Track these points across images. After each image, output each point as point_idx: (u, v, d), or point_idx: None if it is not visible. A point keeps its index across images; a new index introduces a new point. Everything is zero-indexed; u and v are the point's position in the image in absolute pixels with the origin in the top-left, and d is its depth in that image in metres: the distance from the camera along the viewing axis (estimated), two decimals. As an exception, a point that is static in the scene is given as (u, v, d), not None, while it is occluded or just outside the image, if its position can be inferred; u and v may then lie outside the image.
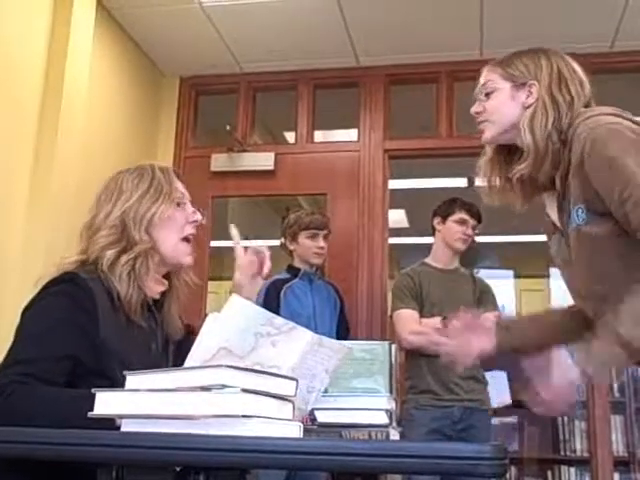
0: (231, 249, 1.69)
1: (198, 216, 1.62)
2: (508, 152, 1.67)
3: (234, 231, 1.62)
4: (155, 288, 1.57)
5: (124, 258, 1.49)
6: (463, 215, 3.18)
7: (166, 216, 1.55)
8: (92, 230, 1.54)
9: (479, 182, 1.73)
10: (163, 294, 1.61)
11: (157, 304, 1.59)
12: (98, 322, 1.40)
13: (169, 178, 1.61)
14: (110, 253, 1.48)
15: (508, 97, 1.62)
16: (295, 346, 1.24)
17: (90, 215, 1.57)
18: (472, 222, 3.16)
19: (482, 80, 1.69)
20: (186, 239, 1.60)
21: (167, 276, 1.62)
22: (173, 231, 1.57)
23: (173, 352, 1.61)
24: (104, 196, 1.59)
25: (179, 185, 1.63)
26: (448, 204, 3.24)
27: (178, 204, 1.60)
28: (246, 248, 1.57)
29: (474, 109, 1.67)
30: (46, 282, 1.46)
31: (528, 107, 1.58)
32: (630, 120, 1.53)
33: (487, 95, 1.65)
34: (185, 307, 1.69)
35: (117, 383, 1.30)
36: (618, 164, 1.41)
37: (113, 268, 1.47)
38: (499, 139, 1.64)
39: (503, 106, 1.63)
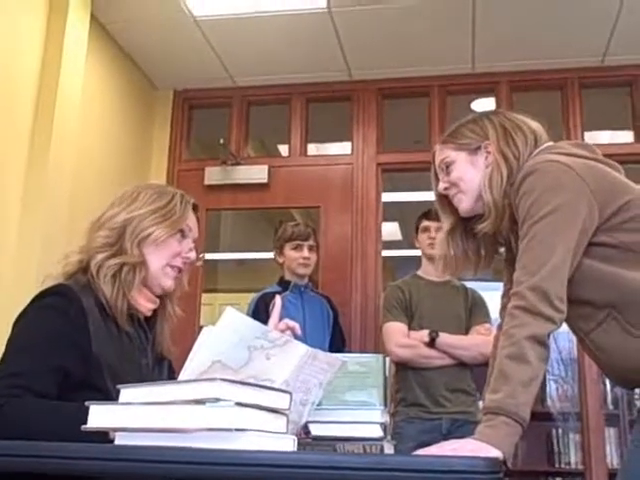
0: (224, 261, 1.69)
1: (192, 254, 1.61)
2: (465, 222, 1.70)
3: (278, 301, 1.58)
4: (146, 305, 1.57)
5: (111, 261, 1.50)
6: (423, 223, 3.22)
7: (161, 240, 1.55)
8: (96, 226, 1.56)
9: (437, 258, 1.77)
10: (155, 314, 1.61)
11: (149, 323, 1.59)
12: (89, 335, 1.40)
13: (185, 208, 1.61)
14: (100, 257, 1.50)
15: (468, 164, 1.65)
16: (289, 359, 1.24)
17: (100, 212, 1.59)
18: (434, 224, 3.15)
19: (438, 159, 1.72)
20: (172, 267, 1.59)
21: (160, 296, 1.62)
22: (162, 256, 1.57)
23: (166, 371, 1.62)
24: (119, 199, 1.60)
25: (192, 219, 1.64)
26: (417, 220, 3.29)
27: (181, 234, 1.60)
28: (280, 319, 1.55)
29: (441, 187, 1.70)
30: (38, 293, 1.47)
31: (488, 167, 1.61)
32: (582, 157, 1.53)
33: (447, 170, 1.68)
34: (179, 320, 1.69)
35: (109, 396, 1.30)
36: (534, 197, 1.44)
37: (100, 271, 1.48)
38: (476, 208, 1.65)
39: (465, 174, 1.65)
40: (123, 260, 1.50)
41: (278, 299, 1.57)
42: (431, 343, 2.97)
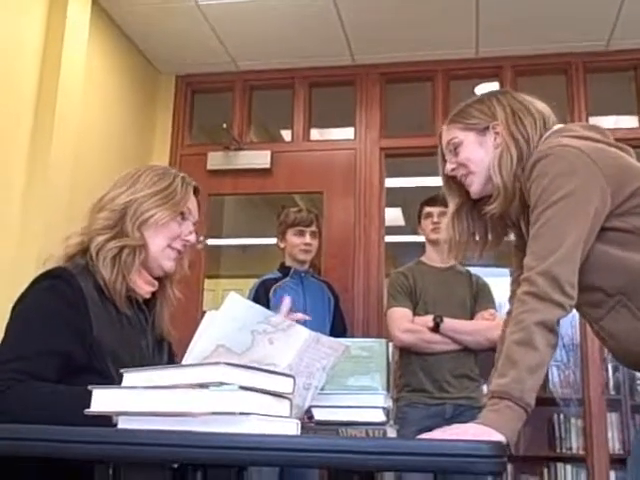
0: (227, 247, 1.69)
1: (193, 237, 1.61)
2: (472, 204, 1.69)
3: (287, 300, 1.57)
4: (144, 287, 1.57)
5: (112, 244, 1.50)
6: (426, 209, 3.20)
7: (162, 223, 1.55)
8: (98, 207, 1.56)
9: (443, 241, 1.77)
10: (154, 296, 1.61)
11: (149, 305, 1.60)
12: (90, 318, 1.41)
13: (186, 190, 1.61)
14: (101, 239, 1.50)
15: (476, 145, 1.63)
16: (292, 344, 1.24)
17: (102, 193, 1.59)
18: (437, 210, 3.15)
19: (445, 140, 1.69)
20: (172, 248, 1.59)
21: (159, 278, 1.62)
22: (163, 238, 1.57)
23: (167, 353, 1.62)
24: (121, 180, 1.60)
25: (192, 202, 1.64)
26: (418, 208, 3.27)
27: (182, 216, 1.60)
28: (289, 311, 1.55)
29: (449, 167, 1.67)
30: (36, 276, 1.47)
31: (497, 148, 1.59)
32: (594, 140, 1.52)
33: (455, 151, 1.66)
34: (181, 305, 1.69)
35: (111, 379, 1.31)
36: (546, 183, 1.43)
37: (99, 253, 1.49)
38: (486, 189, 1.63)
39: (474, 154, 1.63)
40: (124, 243, 1.51)
41: (287, 299, 1.57)
42: (435, 328, 2.97)
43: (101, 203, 1.56)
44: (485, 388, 3.13)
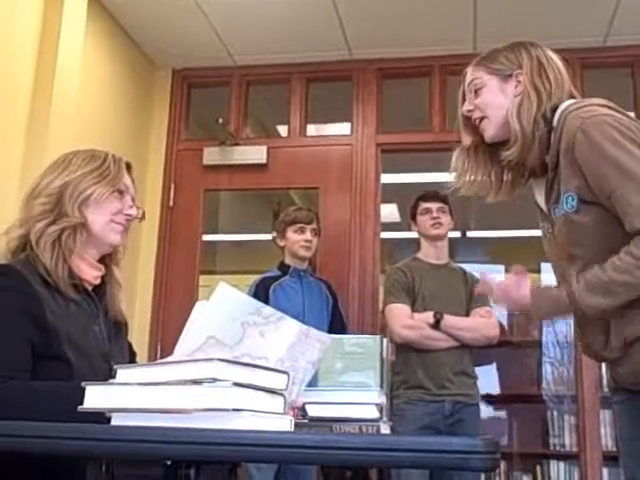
0: (222, 243, 1.68)
1: (134, 211, 1.61)
2: (487, 146, 1.70)
3: None
4: (89, 272, 1.56)
5: (51, 229, 1.49)
6: (423, 205, 3.20)
7: (102, 199, 1.55)
8: (33, 195, 1.55)
9: (454, 172, 1.74)
10: (103, 282, 1.61)
11: (99, 292, 1.59)
12: (43, 305, 1.41)
13: (119, 167, 1.61)
14: (39, 226, 1.49)
15: (497, 90, 1.66)
16: (283, 337, 1.24)
17: (34, 182, 1.58)
18: (435, 205, 3.16)
19: (468, 79, 1.71)
20: (116, 223, 1.59)
21: (104, 262, 1.61)
22: (105, 214, 1.56)
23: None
24: (51, 167, 1.59)
25: (126, 177, 1.63)
26: (412, 204, 3.28)
27: (120, 192, 1.59)
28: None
29: (466, 107, 1.70)
30: None
31: (517, 96, 1.62)
32: (621, 113, 1.55)
33: (476, 93, 1.68)
34: (177, 301, 1.69)
35: (71, 365, 1.32)
36: (610, 157, 1.44)
37: (39, 239, 1.48)
38: (500, 134, 1.65)
39: (494, 100, 1.66)
40: (63, 225, 1.50)
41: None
42: (436, 325, 2.97)
43: (36, 191, 1.55)
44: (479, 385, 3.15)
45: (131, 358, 1.66)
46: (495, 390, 4.50)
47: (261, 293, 3.11)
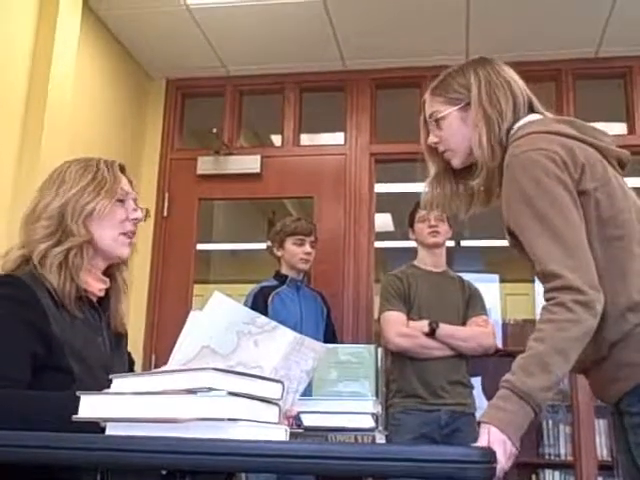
0: (216, 252, 1.68)
1: (139, 214, 1.60)
2: (453, 171, 1.69)
3: None
4: (95, 285, 1.56)
5: (56, 250, 1.48)
6: (420, 213, 3.18)
7: (106, 211, 1.54)
8: (32, 219, 1.53)
9: (424, 202, 1.75)
10: (107, 293, 1.60)
11: (102, 303, 1.58)
12: (47, 317, 1.40)
13: (113, 173, 1.59)
14: (42, 247, 1.48)
15: (459, 121, 1.62)
16: (278, 346, 1.24)
17: (32, 204, 1.56)
18: (433, 213, 3.15)
19: (428, 111, 1.69)
20: (125, 235, 1.59)
21: (108, 274, 1.61)
22: (112, 226, 1.55)
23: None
24: (46, 185, 1.57)
25: (123, 181, 1.61)
26: (411, 211, 3.27)
27: (120, 200, 1.58)
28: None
29: (431, 140, 1.68)
30: None
31: (477, 125, 1.58)
32: (573, 138, 1.51)
33: (438, 125, 1.65)
34: (172, 311, 1.68)
35: (73, 375, 1.31)
36: (527, 196, 1.43)
37: (44, 261, 1.46)
38: (468, 161, 1.64)
39: (457, 132, 1.62)
40: (69, 245, 1.48)
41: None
42: (431, 333, 2.96)
43: (35, 214, 1.53)
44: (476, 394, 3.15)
45: (130, 367, 1.65)
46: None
47: (260, 302, 3.11)
